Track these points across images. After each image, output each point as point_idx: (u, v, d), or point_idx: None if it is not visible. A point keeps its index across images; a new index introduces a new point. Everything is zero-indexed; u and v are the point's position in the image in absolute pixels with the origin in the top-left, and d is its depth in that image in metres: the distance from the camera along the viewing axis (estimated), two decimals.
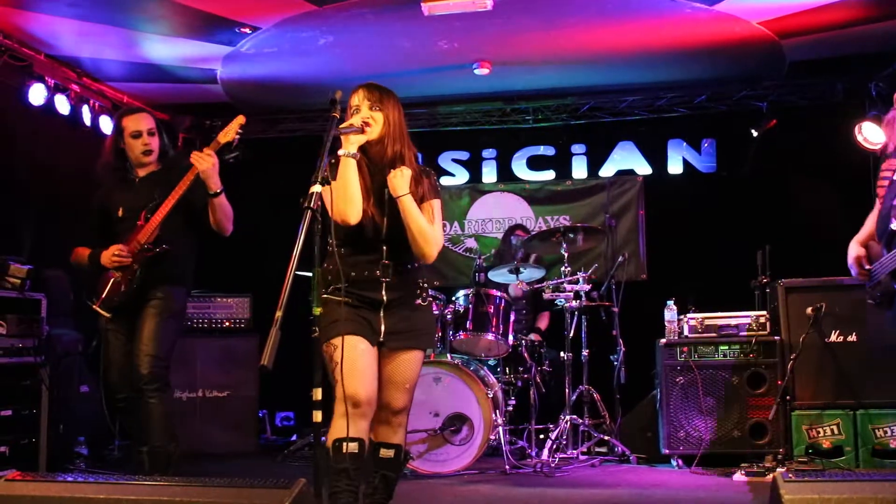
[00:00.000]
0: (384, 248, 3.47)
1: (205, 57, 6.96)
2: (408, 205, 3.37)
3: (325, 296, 3.27)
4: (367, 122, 3.40)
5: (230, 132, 4.49)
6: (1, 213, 6.16)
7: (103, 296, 4.55)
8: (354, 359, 3.33)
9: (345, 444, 3.25)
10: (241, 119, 4.52)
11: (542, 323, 7.19)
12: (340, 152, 3.31)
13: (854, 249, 4.14)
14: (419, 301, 3.57)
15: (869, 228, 4.13)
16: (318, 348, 2.83)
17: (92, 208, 4.82)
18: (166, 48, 6.75)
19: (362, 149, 3.42)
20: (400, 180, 3.37)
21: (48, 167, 6.73)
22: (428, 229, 3.42)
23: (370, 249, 3.46)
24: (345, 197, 3.30)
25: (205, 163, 4.40)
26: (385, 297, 3.45)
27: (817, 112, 7.54)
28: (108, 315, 4.56)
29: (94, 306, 4.59)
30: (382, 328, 3.46)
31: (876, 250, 4.03)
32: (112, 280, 4.54)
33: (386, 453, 3.52)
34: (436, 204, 3.55)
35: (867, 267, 4.06)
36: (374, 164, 3.48)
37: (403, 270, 3.51)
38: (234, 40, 6.65)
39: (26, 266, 5.58)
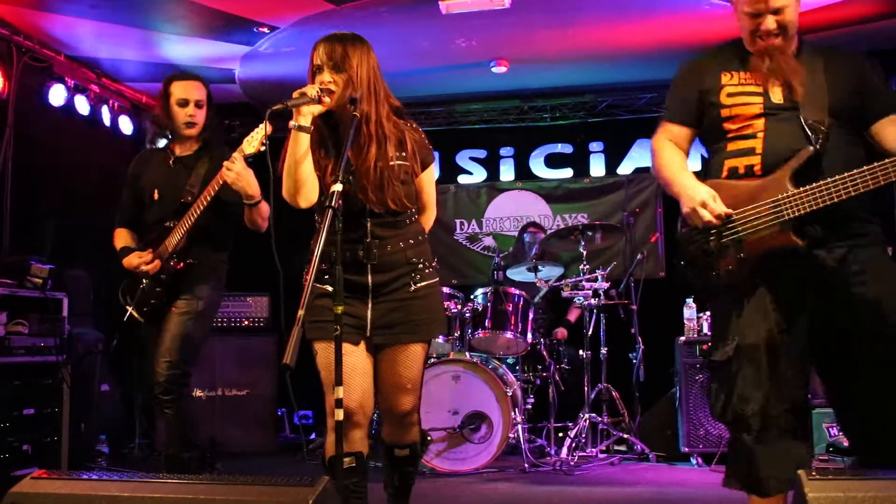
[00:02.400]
0: (366, 224, 3.07)
1: (223, 57, 6.99)
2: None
3: (314, 283, 2.67)
4: (326, 87, 2.98)
5: (254, 142, 4.11)
6: (22, 213, 6.19)
7: (136, 301, 4.40)
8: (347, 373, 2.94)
9: (344, 459, 2.90)
10: (266, 128, 4.28)
11: (572, 316, 7.17)
12: (290, 124, 2.94)
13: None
14: (414, 285, 3.13)
15: None
16: (338, 346, 2.63)
17: (128, 180, 4.56)
18: (185, 48, 6.78)
19: (328, 114, 3.04)
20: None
21: (68, 167, 6.77)
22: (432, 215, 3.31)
23: (352, 227, 3.04)
24: (292, 178, 2.96)
25: (231, 175, 4.03)
26: (371, 282, 3.08)
27: None
28: (142, 320, 4.40)
29: (130, 310, 4.43)
30: (369, 321, 3.09)
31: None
32: (141, 287, 4.39)
33: (401, 452, 3.29)
34: (432, 168, 3.28)
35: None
36: (344, 129, 3.02)
37: (393, 249, 3.10)
38: (252, 40, 6.68)
39: (48, 266, 5.58)
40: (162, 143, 4.63)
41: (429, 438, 5.51)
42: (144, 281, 4.37)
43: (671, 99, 3.37)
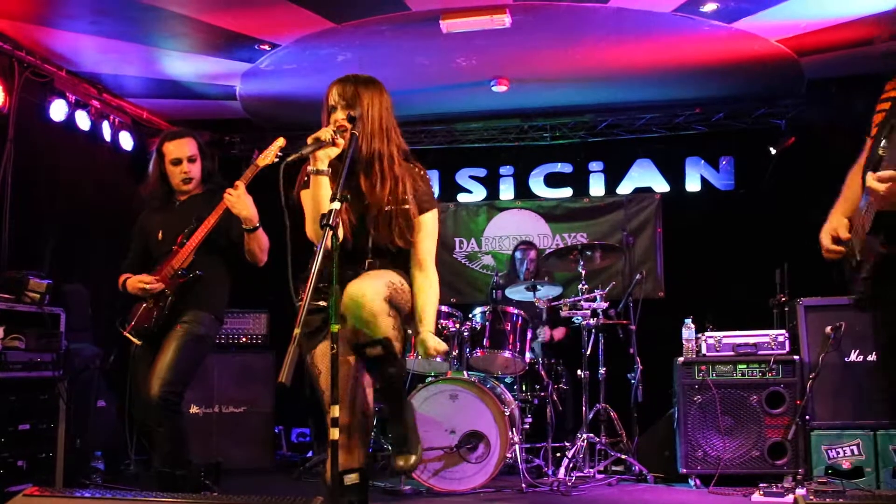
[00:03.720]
0: (368, 257, 3.14)
1: (224, 73, 7.01)
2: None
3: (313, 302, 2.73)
4: (341, 125, 3.05)
5: (269, 155, 4.38)
6: (21, 228, 6.17)
7: (133, 322, 4.45)
8: (341, 382, 2.86)
9: (346, 476, 2.89)
10: (280, 142, 4.43)
11: (558, 333, 7.14)
12: (309, 169, 3.01)
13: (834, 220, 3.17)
14: None
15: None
16: (335, 365, 2.62)
17: (134, 231, 4.73)
18: (186, 65, 6.81)
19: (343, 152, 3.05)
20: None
21: (68, 182, 6.77)
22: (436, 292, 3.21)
23: (355, 259, 3.11)
24: (317, 221, 2.87)
25: (231, 198, 4.28)
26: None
27: (836, 130, 7.49)
28: (138, 342, 4.44)
29: (124, 332, 4.46)
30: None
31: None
32: (143, 307, 4.44)
33: (373, 351, 2.99)
34: (430, 217, 3.23)
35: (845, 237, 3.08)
36: (359, 166, 3.11)
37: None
38: (253, 57, 6.70)
39: (46, 280, 5.56)
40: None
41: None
42: (147, 301, 4.43)
43: None
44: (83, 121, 6.85)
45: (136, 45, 6.46)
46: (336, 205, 2.76)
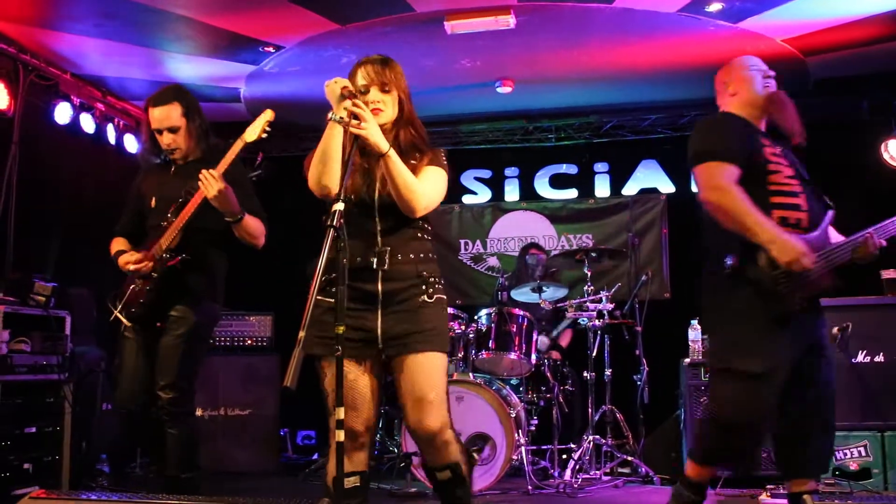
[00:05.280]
0: (379, 231, 3.09)
1: (228, 76, 7.01)
2: (392, 161, 2.97)
3: (317, 297, 2.60)
4: (375, 111, 3.08)
5: (256, 129, 4.15)
6: (26, 231, 6.16)
7: (123, 302, 4.28)
8: (346, 389, 2.90)
9: (347, 479, 2.96)
10: (269, 115, 4.20)
11: (564, 340, 7.14)
12: (329, 115, 2.97)
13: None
14: (424, 297, 3.10)
15: None
16: (340, 367, 2.59)
17: (131, 191, 4.54)
18: (190, 67, 6.80)
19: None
20: (375, 133, 2.93)
21: (73, 185, 6.77)
22: (413, 182, 3.05)
23: (364, 233, 3.08)
24: (320, 159, 3.02)
25: (210, 190, 4.02)
26: (381, 290, 3.05)
27: (842, 130, 7.46)
28: (129, 324, 4.28)
29: (115, 311, 4.31)
30: (379, 331, 3.04)
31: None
32: (132, 287, 4.26)
33: (442, 475, 3.12)
34: (432, 168, 3.21)
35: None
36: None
37: (403, 259, 3.09)
38: (257, 59, 6.70)
39: (51, 283, 5.58)
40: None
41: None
42: (136, 282, 4.27)
43: (729, 140, 3.67)
44: (88, 123, 6.84)
45: (140, 48, 6.45)
46: (339, 205, 2.69)
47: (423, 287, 3.12)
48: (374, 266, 3.04)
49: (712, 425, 3.69)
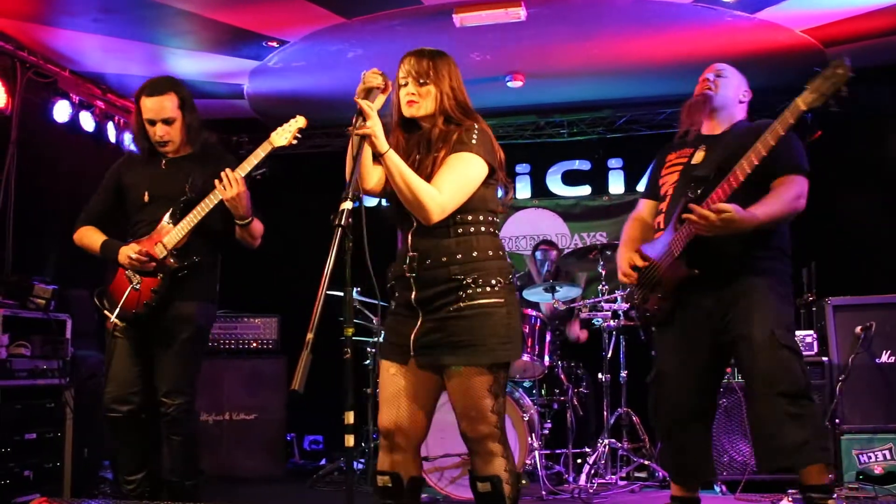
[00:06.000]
0: (410, 235, 3.06)
1: (231, 72, 6.94)
2: (392, 162, 2.89)
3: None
4: (411, 103, 3.07)
5: (286, 134, 4.01)
6: (25, 232, 6.10)
7: (119, 306, 4.12)
8: (384, 386, 3.08)
9: (379, 477, 3.07)
10: (301, 121, 4.05)
11: (581, 335, 7.01)
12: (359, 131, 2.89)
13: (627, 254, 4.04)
14: (459, 304, 2.95)
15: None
16: (348, 370, 2.61)
17: (106, 179, 4.43)
18: (192, 63, 6.73)
19: (407, 122, 3.13)
20: (377, 132, 2.86)
21: (73, 184, 6.65)
22: (419, 186, 2.91)
23: (404, 238, 3.09)
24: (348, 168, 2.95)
25: (230, 192, 3.98)
26: (414, 298, 3.01)
27: (864, 122, 7.31)
28: (121, 324, 4.15)
29: (105, 311, 4.19)
30: (411, 340, 3.03)
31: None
32: (129, 288, 4.13)
33: (482, 487, 3.06)
34: (454, 158, 3.02)
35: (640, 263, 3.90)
36: (421, 142, 3.11)
37: (433, 264, 3.00)
38: (261, 54, 6.63)
39: (51, 286, 5.52)
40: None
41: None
42: (133, 279, 4.15)
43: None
44: (87, 121, 6.77)
45: (140, 44, 6.38)
46: (348, 205, 2.65)
47: (459, 292, 2.98)
48: (406, 273, 3.03)
49: None
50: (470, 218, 3.06)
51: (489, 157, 3.08)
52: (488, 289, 2.99)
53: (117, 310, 4.16)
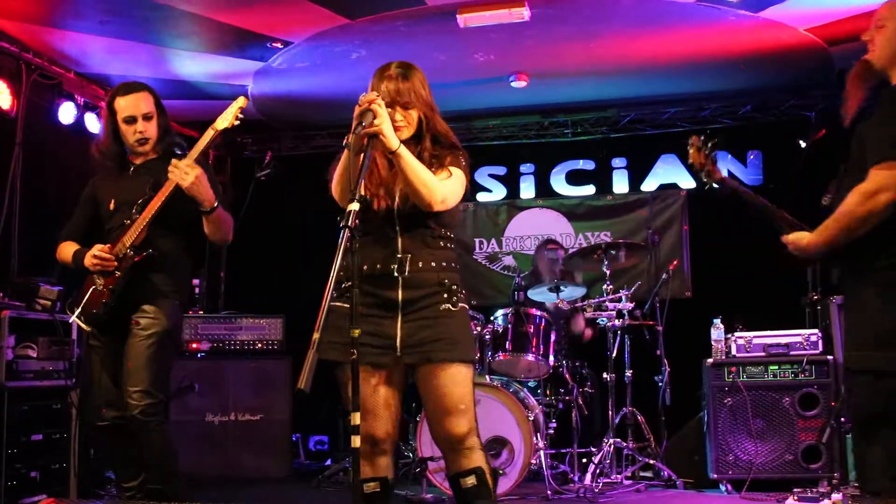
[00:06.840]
0: (399, 238, 3.07)
1: (235, 73, 6.95)
2: (404, 157, 2.90)
3: (334, 303, 2.75)
4: (398, 126, 3.03)
5: (228, 116, 3.99)
6: (30, 234, 6.09)
7: (82, 305, 4.07)
8: (367, 396, 2.99)
9: (365, 485, 3.02)
10: (241, 101, 4.05)
11: (586, 333, 7.01)
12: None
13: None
14: (448, 306, 3.08)
15: None
16: (355, 370, 2.54)
17: (83, 196, 4.38)
18: (196, 64, 6.74)
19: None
20: (387, 129, 2.85)
21: (78, 186, 6.62)
22: (428, 176, 2.96)
23: (385, 241, 3.06)
24: (341, 175, 2.98)
25: (186, 178, 3.86)
26: (401, 298, 3.03)
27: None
28: (88, 329, 4.10)
29: (73, 316, 4.12)
30: (398, 339, 3.03)
31: None
32: (92, 288, 4.06)
33: (467, 481, 3.03)
34: (451, 170, 3.09)
35: None
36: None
37: (424, 266, 3.06)
38: (265, 56, 6.63)
39: (56, 287, 5.48)
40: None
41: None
42: (97, 282, 4.07)
43: None
44: (92, 123, 6.75)
45: (145, 46, 6.40)
46: (354, 205, 2.63)
47: (446, 295, 3.09)
48: (395, 273, 3.04)
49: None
50: (449, 233, 3.20)
51: (467, 185, 3.20)
52: (461, 294, 3.16)
53: (78, 309, 4.11)
